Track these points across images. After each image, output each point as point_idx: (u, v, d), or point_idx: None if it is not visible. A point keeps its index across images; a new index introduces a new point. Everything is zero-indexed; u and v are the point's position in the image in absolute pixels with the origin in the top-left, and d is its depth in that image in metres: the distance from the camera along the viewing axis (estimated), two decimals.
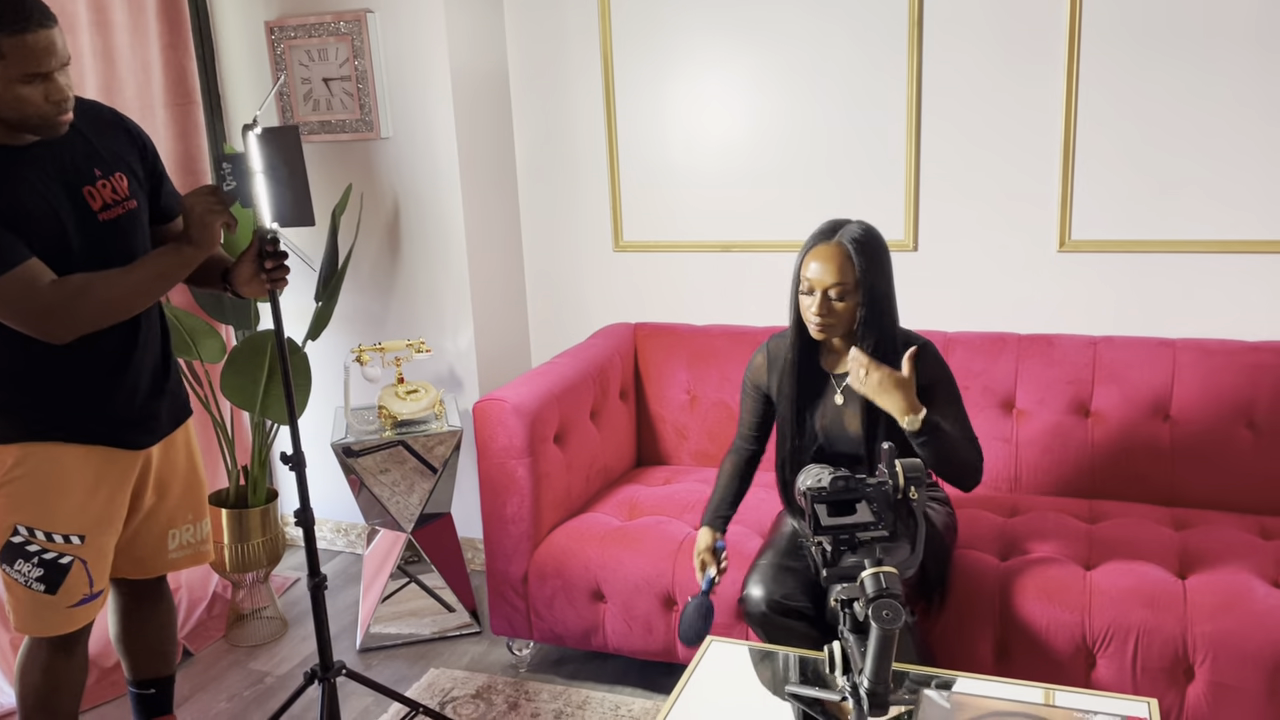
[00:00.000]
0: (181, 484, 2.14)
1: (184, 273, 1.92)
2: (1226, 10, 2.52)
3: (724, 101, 3.03)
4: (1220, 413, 2.55)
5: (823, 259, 2.10)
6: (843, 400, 2.21)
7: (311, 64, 3.13)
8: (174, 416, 2.10)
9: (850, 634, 1.59)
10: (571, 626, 2.58)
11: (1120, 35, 2.61)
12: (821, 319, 2.11)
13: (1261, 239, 2.60)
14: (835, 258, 2.09)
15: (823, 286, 2.10)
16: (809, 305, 2.12)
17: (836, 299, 2.10)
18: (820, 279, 2.10)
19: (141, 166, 2.01)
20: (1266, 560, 2.22)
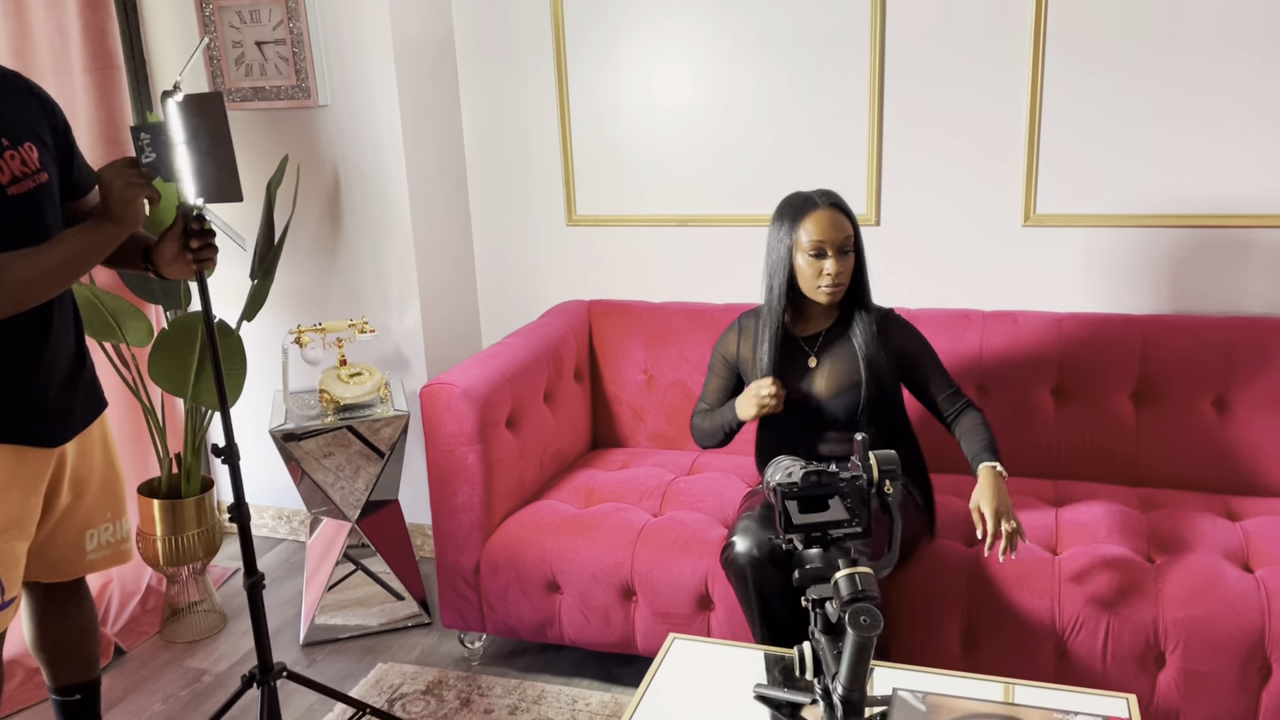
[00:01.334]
0: (99, 481, 1.99)
1: (104, 253, 1.76)
2: None
3: (681, 70, 2.90)
4: (1187, 390, 2.51)
5: (823, 219, 2.14)
6: (815, 363, 2.24)
7: (243, 26, 2.94)
8: (89, 409, 1.95)
9: (822, 635, 1.51)
10: (526, 619, 2.48)
11: (1088, 5, 2.53)
12: (838, 278, 2.14)
13: (1228, 214, 2.55)
14: (832, 215, 2.15)
15: (835, 243, 2.13)
16: (822, 269, 2.14)
17: (845, 253, 2.14)
18: (831, 235, 2.13)
19: (52, 137, 1.83)
20: (1235, 542, 2.18)
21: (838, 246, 2.13)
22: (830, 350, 2.24)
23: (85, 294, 2.50)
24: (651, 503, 2.54)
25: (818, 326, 2.27)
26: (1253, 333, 2.48)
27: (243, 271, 2.90)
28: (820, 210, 2.15)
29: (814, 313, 2.26)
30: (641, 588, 2.35)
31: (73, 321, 1.91)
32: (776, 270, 2.21)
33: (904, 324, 2.29)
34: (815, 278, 2.16)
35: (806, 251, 2.15)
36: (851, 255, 2.17)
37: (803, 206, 2.17)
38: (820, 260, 2.14)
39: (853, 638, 1.32)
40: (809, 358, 2.25)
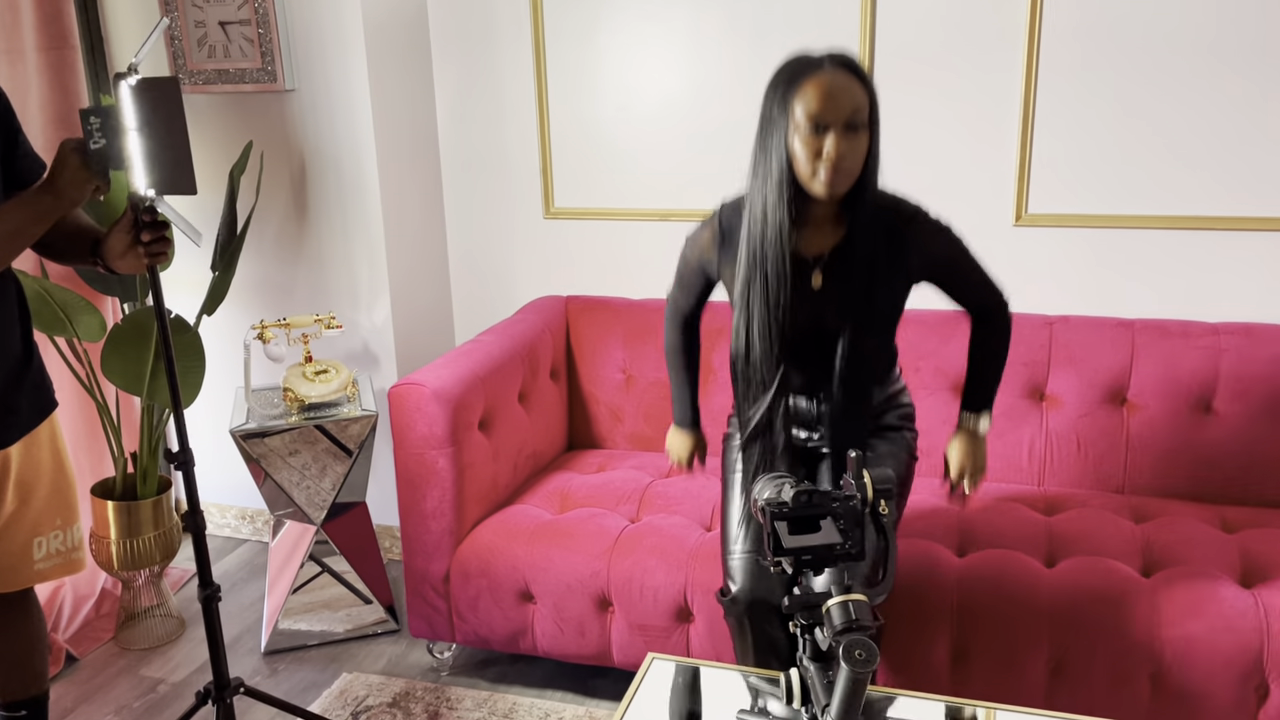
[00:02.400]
0: (48, 486, 1.87)
1: (40, 229, 1.64)
2: None
3: (664, 59, 2.80)
4: (1179, 397, 2.44)
5: (828, 86, 1.63)
6: (820, 281, 1.78)
7: (206, 5, 2.81)
8: (36, 410, 1.83)
9: (810, 663, 1.42)
10: (497, 629, 2.38)
11: (1082, 8, 2.46)
12: (841, 162, 1.64)
13: (1224, 215, 2.49)
14: (840, 80, 1.65)
15: (840, 116, 1.63)
16: (817, 151, 1.65)
17: (854, 129, 1.65)
18: (835, 105, 1.63)
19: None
20: (1232, 556, 2.12)
21: (844, 120, 1.63)
22: (840, 270, 1.78)
23: (34, 286, 2.37)
24: (629, 507, 2.44)
25: (823, 242, 1.78)
26: (1246, 338, 2.42)
27: (203, 263, 2.77)
28: (824, 73, 1.65)
29: (818, 216, 1.76)
30: (618, 598, 2.25)
31: (17, 314, 1.79)
32: (772, 158, 1.70)
33: (936, 231, 1.82)
34: (811, 161, 1.66)
35: (802, 129, 1.65)
36: (865, 135, 1.66)
37: (801, 70, 1.67)
38: (819, 138, 1.64)
39: (846, 673, 1.23)
40: (813, 274, 1.79)
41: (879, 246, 1.77)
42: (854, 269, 1.78)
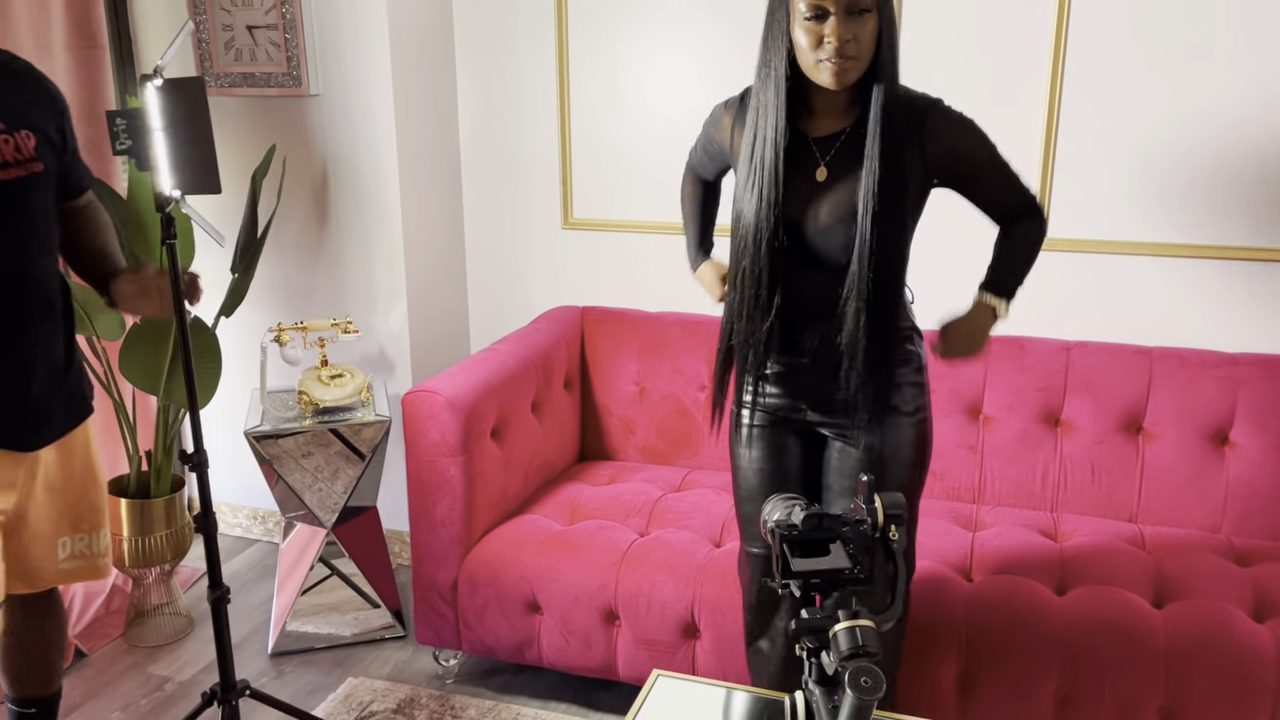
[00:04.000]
0: (77, 490, 1.88)
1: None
2: (1213, 10, 2.36)
3: (684, 72, 2.80)
4: (1196, 427, 2.42)
5: None
6: (826, 175, 1.70)
7: (234, 9, 2.83)
8: (71, 415, 1.84)
9: (816, 686, 1.42)
10: (504, 639, 2.38)
11: (1108, 30, 2.44)
12: (845, 48, 1.59)
13: (1244, 246, 2.47)
14: None
15: (840, 1, 1.57)
16: (819, 39, 1.59)
17: (858, 13, 1.58)
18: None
19: (58, 134, 1.75)
20: (1245, 589, 2.10)
21: (846, 3, 1.57)
22: (848, 159, 1.70)
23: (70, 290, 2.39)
24: (639, 521, 2.44)
25: (834, 124, 1.71)
26: (1265, 370, 2.40)
27: (223, 265, 2.79)
28: None
29: (828, 104, 1.70)
30: (625, 612, 2.25)
31: (62, 318, 1.79)
32: (774, 48, 1.66)
33: (956, 121, 1.73)
34: (814, 50, 1.60)
35: (803, 15, 1.59)
36: (870, 17, 1.60)
37: None
38: (820, 24, 1.58)
39: (852, 700, 1.22)
40: (818, 168, 1.71)
41: (895, 135, 1.66)
42: (864, 157, 1.67)
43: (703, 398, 2.76)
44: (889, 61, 1.65)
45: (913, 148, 1.70)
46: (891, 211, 1.69)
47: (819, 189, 1.71)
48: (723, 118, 1.88)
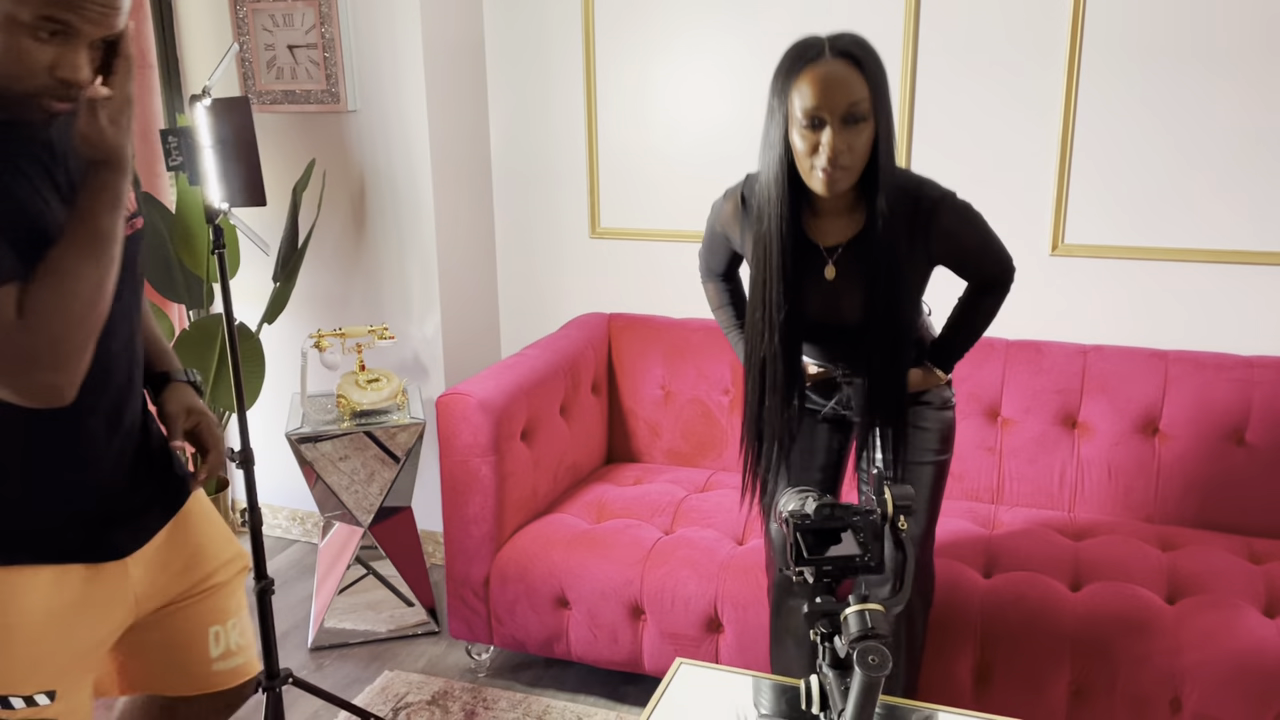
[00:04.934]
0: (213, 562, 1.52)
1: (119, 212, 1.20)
2: (1228, 17, 2.41)
3: (709, 84, 2.89)
4: (1211, 428, 2.46)
5: (823, 79, 1.56)
6: (834, 274, 1.74)
7: (276, 29, 2.96)
8: (170, 499, 1.46)
9: (830, 669, 1.49)
10: (534, 633, 2.47)
11: (1122, 37, 2.50)
12: (835, 161, 1.59)
13: (1259, 250, 2.51)
14: (838, 71, 1.57)
15: (836, 110, 1.56)
16: (815, 146, 1.60)
17: (853, 123, 1.59)
18: (830, 101, 1.56)
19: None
20: (1258, 586, 2.14)
21: (841, 113, 1.57)
22: (855, 263, 1.74)
23: None
24: (664, 520, 2.52)
25: (841, 233, 1.74)
26: (1277, 371, 2.44)
27: (265, 274, 2.91)
28: (823, 63, 1.57)
29: (832, 209, 1.72)
30: (650, 607, 2.33)
31: (140, 379, 1.40)
32: (771, 150, 1.66)
33: (961, 218, 1.77)
34: (809, 156, 1.61)
35: (799, 124, 1.60)
36: (867, 126, 1.60)
37: (801, 57, 1.59)
38: (815, 133, 1.59)
39: (860, 677, 1.29)
40: (826, 265, 1.74)
41: (899, 236, 1.68)
42: (872, 262, 1.71)
43: (727, 401, 2.84)
44: (888, 167, 1.66)
45: (918, 245, 1.74)
46: (901, 305, 1.77)
47: (829, 287, 1.77)
48: (724, 208, 1.88)
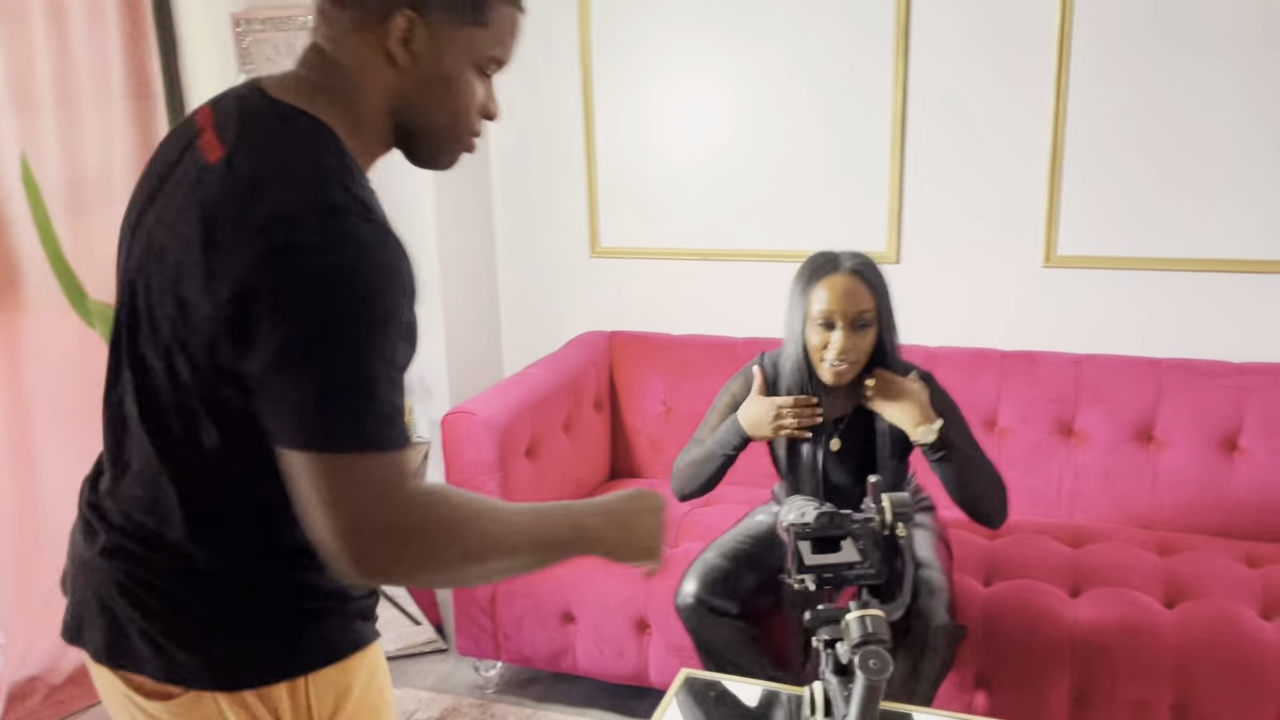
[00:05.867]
0: None
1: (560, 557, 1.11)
2: (1218, 27, 2.46)
3: (706, 105, 2.94)
4: (1206, 435, 2.50)
5: (836, 287, 1.93)
6: (838, 446, 2.09)
7: (278, 58, 3.01)
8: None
9: (833, 676, 1.52)
10: (540, 648, 2.49)
11: (1110, 50, 2.55)
12: (845, 356, 1.94)
13: (1249, 258, 2.55)
14: (848, 284, 1.93)
15: (846, 316, 1.92)
16: (828, 343, 1.95)
17: (860, 328, 1.94)
18: (841, 307, 1.92)
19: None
20: (1255, 589, 2.17)
21: (850, 319, 1.93)
22: (855, 437, 2.08)
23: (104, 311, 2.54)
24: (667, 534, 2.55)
25: (841, 408, 2.08)
26: (1272, 378, 2.48)
27: None
28: (837, 275, 1.95)
29: (835, 390, 2.05)
30: (655, 620, 2.36)
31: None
32: (792, 339, 2.02)
33: (942, 398, 2.06)
34: (821, 350, 1.96)
35: (815, 321, 1.96)
36: (871, 330, 1.95)
37: (820, 269, 1.97)
38: (828, 332, 1.94)
39: (862, 680, 1.33)
40: (833, 438, 2.08)
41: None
42: (865, 437, 2.07)
43: None
44: (892, 358, 2.01)
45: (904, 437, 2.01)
46: (900, 469, 2.13)
47: (832, 456, 2.11)
48: (737, 383, 2.17)
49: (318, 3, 1.06)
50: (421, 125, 1.09)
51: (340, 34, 1.04)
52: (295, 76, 1.07)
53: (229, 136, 1.00)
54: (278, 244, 0.91)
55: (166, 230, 1.00)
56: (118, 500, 1.06)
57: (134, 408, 1.04)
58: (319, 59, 1.06)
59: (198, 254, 0.94)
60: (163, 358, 1.00)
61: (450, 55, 1.05)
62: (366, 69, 1.04)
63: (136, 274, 1.04)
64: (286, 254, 0.90)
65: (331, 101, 1.04)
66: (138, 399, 1.03)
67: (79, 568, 1.10)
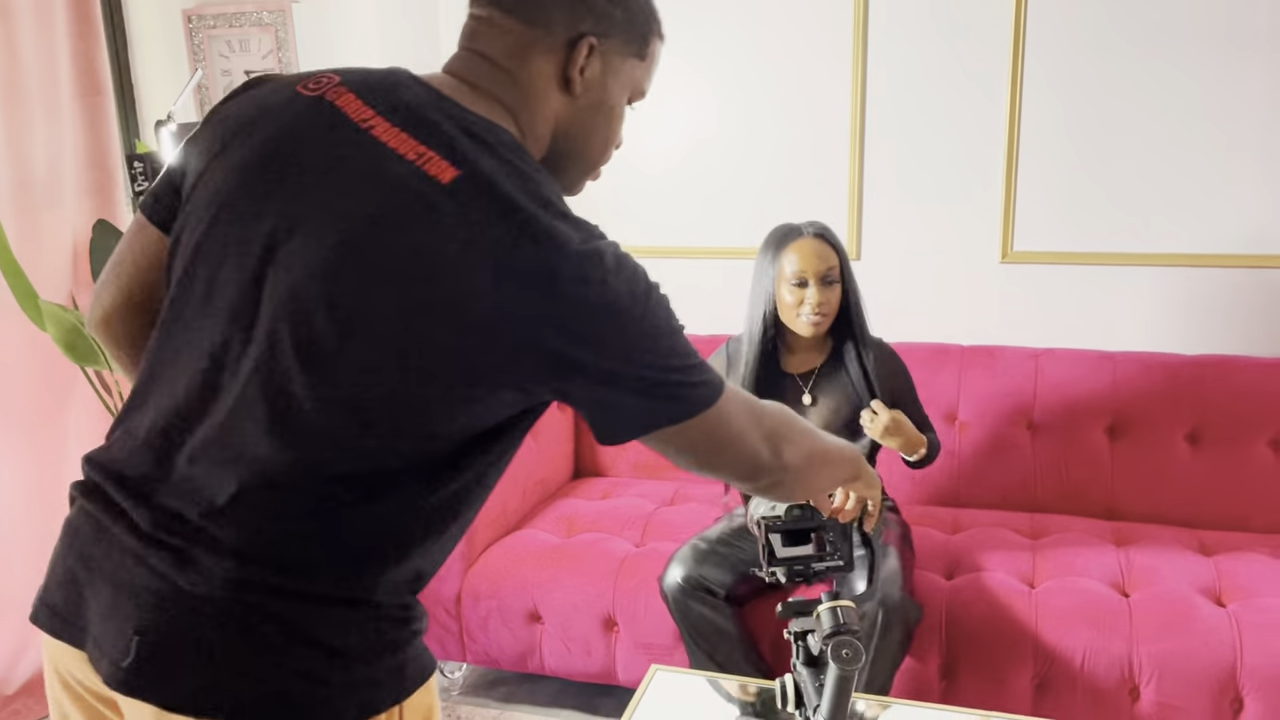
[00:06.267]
0: None
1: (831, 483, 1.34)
2: (1171, 21, 2.52)
3: (664, 104, 2.95)
4: (1160, 426, 2.55)
5: (805, 250, 2.15)
6: (811, 400, 2.22)
7: (232, 55, 2.97)
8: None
9: (804, 667, 1.53)
10: (507, 649, 2.48)
11: (1065, 47, 2.60)
12: (820, 309, 2.14)
13: (1201, 253, 2.61)
14: (815, 245, 2.15)
15: (817, 273, 2.14)
16: (803, 298, 2.14)
17: (829, 284, 2.14)
18: (813, 266, 2.14)
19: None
20: (1208, 576, 2.22)
21: (820, 276, 2.14)
22: (826, 387, 2.25)
23: (69, 319, 2.50)
24: (633, 533, 2.55)
25: (810, 362, 2.27)
26: (1223, 370, 2.54)
27: None
28: (804, 239, 2.17)
29: (803, 346, 2.26)
30: (623, 619, 2.35)
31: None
32: (760, 301, 2.21)
33: (894, 357, 2.28)
34: (797, 307, 2.16)
35: (789, 282, 2.16)
36: (837, 286, 2.17)
37: (786, 236, 2.19)
38: (802, 290, 2.15)
39: (835, 670, 1.34)
40: (803, 394, 2.25)
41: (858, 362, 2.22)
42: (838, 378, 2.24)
43: None
44: (857, 316, 2.21)
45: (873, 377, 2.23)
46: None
47: (806, 411, 2.24)
48: (713, 360, 2.32)
49: (486, 12, 1.04)
50: (575, 150, 1.10)
51: (518, 49, 1.03)
52: (471, 86, 1.04)
53: (444, 151, 0.95)
54: (566, 289, 0.92)
55: (370, 238, 0.92)
56: (238, 527, 0.94)
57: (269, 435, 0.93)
58: (494, 72, 1.04)
59: (455, 285, 0.91)
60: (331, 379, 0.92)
61: (615, 85, 1.08)
62: (543, 90, 1.04)
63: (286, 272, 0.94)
64: (580, 290, 0.93)
65: (505, 115, 1.03)
66: (277, 423, 0.93)
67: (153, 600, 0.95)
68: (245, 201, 0.98)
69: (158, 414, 0.99)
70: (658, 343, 0.98)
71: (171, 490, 0.96)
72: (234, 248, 0.97)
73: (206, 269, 0.99)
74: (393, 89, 1.01)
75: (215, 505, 0.94)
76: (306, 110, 1.01)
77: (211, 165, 1.02)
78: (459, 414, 0.96)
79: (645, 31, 1.09)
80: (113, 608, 0.96)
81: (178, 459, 0.97)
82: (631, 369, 0.96)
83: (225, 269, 0.97)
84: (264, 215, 0.97)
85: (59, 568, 1.03)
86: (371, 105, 0.99)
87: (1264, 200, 2.54)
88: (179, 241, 1.03)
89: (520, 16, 1.03)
